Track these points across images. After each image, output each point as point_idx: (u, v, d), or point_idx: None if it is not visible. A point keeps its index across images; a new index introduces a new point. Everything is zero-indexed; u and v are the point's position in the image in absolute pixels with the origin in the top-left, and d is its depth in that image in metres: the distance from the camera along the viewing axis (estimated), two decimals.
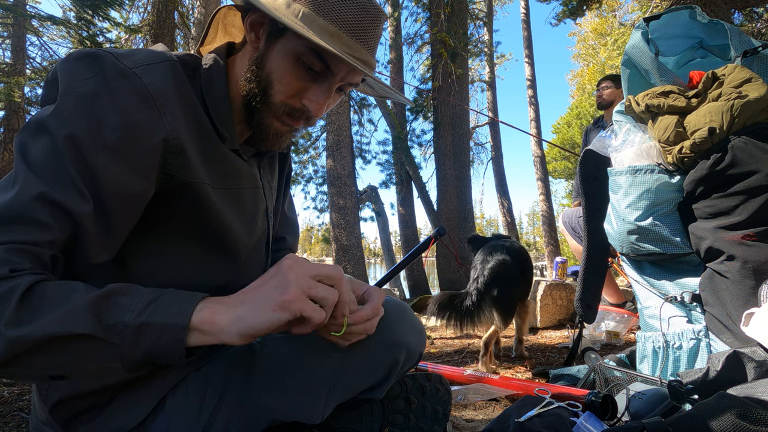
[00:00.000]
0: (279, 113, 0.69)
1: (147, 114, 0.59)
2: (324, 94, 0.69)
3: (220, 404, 0.72)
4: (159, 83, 0.61)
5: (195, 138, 0.66)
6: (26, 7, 6.92)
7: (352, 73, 0.69)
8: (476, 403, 1.34)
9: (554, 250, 10.14)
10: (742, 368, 0.91)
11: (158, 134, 0.60)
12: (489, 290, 1.70)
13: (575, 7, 6.94)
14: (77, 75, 0.58)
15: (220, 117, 0.70)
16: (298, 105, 0.69)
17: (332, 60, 0.66)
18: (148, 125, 0.59)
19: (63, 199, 0.53)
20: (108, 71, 0.58)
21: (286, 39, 0.66)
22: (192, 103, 0.66)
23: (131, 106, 0.58)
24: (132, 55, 0.61)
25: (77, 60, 0.59)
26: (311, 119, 0.72)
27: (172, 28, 6.80)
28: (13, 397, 1.42)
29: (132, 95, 0.59)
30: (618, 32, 14.27)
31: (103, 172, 0.56)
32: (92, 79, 0.57)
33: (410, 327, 0.84)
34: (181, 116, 0.64)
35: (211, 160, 0.68)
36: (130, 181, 0.59)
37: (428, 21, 7.70)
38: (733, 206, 1.14)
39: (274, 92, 0.67)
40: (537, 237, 34.84)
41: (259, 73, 0.68)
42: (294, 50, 0.66)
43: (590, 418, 0.91)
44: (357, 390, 0.79)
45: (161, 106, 0.61)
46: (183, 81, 0.66)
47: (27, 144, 0.55)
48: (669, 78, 1.37)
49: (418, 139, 9.10)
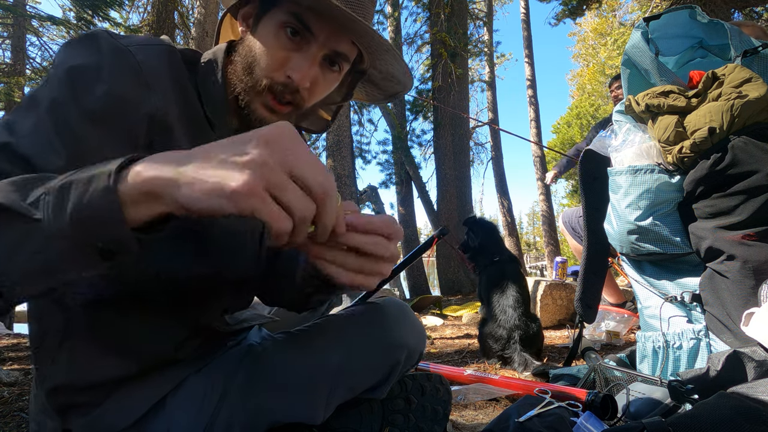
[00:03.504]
0: (263, 95, 0.67)
1: (135, 88, 0.60)
2: (307, 61, 0.66)
3: (221, 405, 0.71)
4: (152, 62, 0.62)
5: (184, 121, 0.66)
6: (26, 7, 6.93)
7: (335, 36, 0.66)
8: (476, 403, 1.34)
9: (554, 250, 10.14)
10: (742, 368, 0.91)
11: (144, 109, 0.60)
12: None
13: (575, 6, 6.95)
14: (74, 52, 0.58)
15: (213, 106, 0.70)
16: (281, 78, 0.66)
17: (311, 19, 0.64)
18: (135, 99, 0.59)
19: (31, 152, 0.50)
20: (103, 47, 0.59)
21: (269, 16, 0.67)
22: (185, 88, 0.67)
23: (121, 79, 0.58)
24: (129, 37, 0.63)
25: (76, 41, 0.60)
26: (298, 100, 0.68)
27: (172, 28, 6.80)
28: (13, 397, 1.42)
29: (123, 70, 0.59)
30: (618, 32, 14.27)
31: (86, 138, 0.55)
32: (87, 54, 0.58)
33: (411, 327, 0.84)
34: (172, 97, 0.64)
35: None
36: (113, 151, 0.55)
37: (428, 21, 7.70)
38: (733, 206, 1.14)
39: (258, 69, 0.67)
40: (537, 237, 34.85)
41: (246, 54, 0.68)
42: (275, 21, 0.66)
43: (590, 418, 0.91)
44: (358, 390, 0.79)
45: (151, 84, 0.61)
46: (178, 67, 0.66)
47: (15, 115, 0.54)
48: (669, 78, 1.37)
49: (418, 139, 9.11)
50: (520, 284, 2.00)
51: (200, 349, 0.76)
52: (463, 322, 3.34)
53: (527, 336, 1.81)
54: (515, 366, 1.73)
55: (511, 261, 2.13)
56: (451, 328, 3.05)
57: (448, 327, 3.10)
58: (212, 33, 6.84)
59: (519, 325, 1.83)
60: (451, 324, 3.26)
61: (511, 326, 1.83)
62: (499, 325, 1.86)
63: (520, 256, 11.80)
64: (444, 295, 5.94)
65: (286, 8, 0.65)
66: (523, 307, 1.91)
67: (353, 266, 0.50)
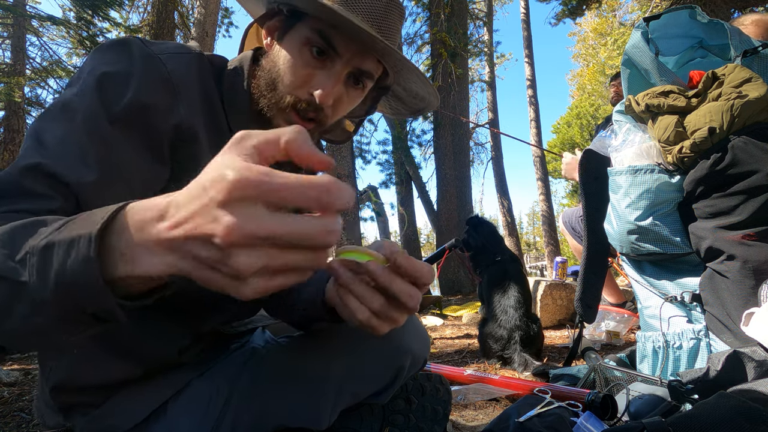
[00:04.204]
0: (287, 111, 0.67)
1: (164, 98, 0.60)
2: (331, 79, 0.65)
3: (225, 410, 0.71)
4: (181, 71, 0.62)
5: (209, 132, 0.66)
6: (26, 7, 6.92)
7: (359, 55, 0.65)
8: (476, 403, 1.34)
9: (554, 250, 10.15)
10: (742, 368, 0.91)
11: (172, 119, 0.61)
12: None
13: (575, 6, 6.95)
14: (105, 58, 0.59)
15: (236, 115, 0.70)
16: (305, 96, 0.66)
17: (335, 38, 0.64)
18: (163, 108, 0.60)
19: (62, 170, 0.49)
20: (134, 54, 0.59)
21: (294, 30, 0.66)
22: (211, 97, 0.67)
23: (151, 88, 0.59)
24: (161, 44, 0.63)
25: (108, 46, 0.61)
26: (321, 117, 0.67)
27: (172, 28, 6.80)
28: (13, 398, 1.42)
29: (153, 78, 0.60)
30: (618, 32, 14.26)
31: (116, 146, 0.56)
32: (118, 60, 0.59)
33: (415, 333, 0.83)
34: (198, 106, 0.64)
35: None
36: (143, 158, 0.59)
37: (428, 21, 7.70)
38: (734, 206, 1.14)
39: (282, 86, 0.66)
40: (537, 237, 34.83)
41: (270, 68, 0.68)
42: (300, 37, 0.66)
43: (590, 418, 0.91)
44: (362, 396, 0.79)
45: (180, 93, 0.62)
46: (206, 75, 0.67)
47: (47, 121, 0.54)
48: (669, 78, 1.37)
49: (418, 139, 9.12)
50: (522, 284, 1.99)
51: (204, 353, 0.76)
52: (463, 322, 3.34)
53: (527, 337, 1.81)
54: (515, 366, 1.73)
55: (512, 261, 2.13)
56: (451, 328, 3.05)
57: (448, 327, 3.10)
58: (212, 33, 6.85)
59: (520, 325, 1.83)
60: (451, 324, 3.26)
61: (512, 326, 1.83)
62: (500, 325, 1.86)
63: (520, 256, 11.79)
64: (444, 295, 5.94)
65: (311, 24, 0.64)
66: (525, 307, 1.91)
67: (375, 308, 0.47)
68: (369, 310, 0.47)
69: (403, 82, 0.77)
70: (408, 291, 0.46)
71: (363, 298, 0.47)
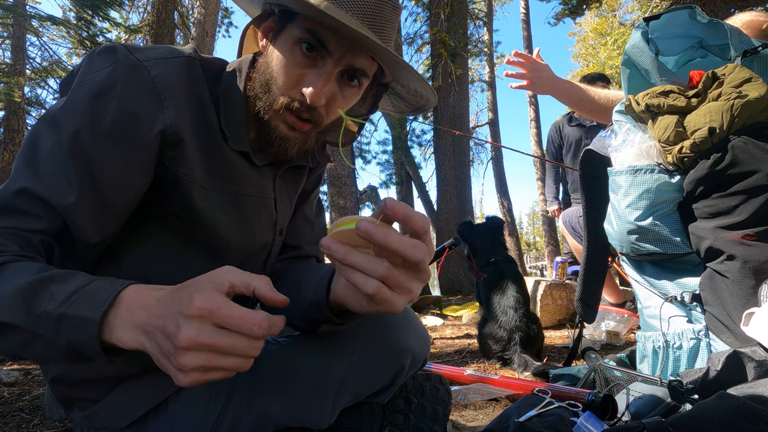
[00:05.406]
0: (282, 113, 0.66)
1: (149, 106, 0.61)
2: (321, 78, 0.64)
3: (225, 409, 0.71)
4: (167, 77, 0.62)
5: (197, 134, 0.66)
6: (26, 7, 6.93)
7: (351, 53, 0.64)
8: (476, 403, 1.34)
9: (554, 250, 10.13)
10: (742, 368, 0.91)
11: (157, 126, 0.61)
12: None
13: (575, 6, 6.95)
14: (93, 67, 0.60)
15: (231, 118, 0.69)
16: (297, 96, 0.65)
17: (326, 36, 0.63)
18: (148, 117, 0.60)
19: (46, 193, 0.55)
20: (119, 63, 0.60)
21: (286, 31, 0.66)
22: (202, 101, 0.67)
23: (135, 97, 0.60)
24: (148, 50, 0.63)
25: (98, 53, 0.61)
26: (316, 117, 0.67)
27: (171, 28, 6.80)
28: (13, 397, 1.42)
29: (137, 87, 0.60)
30: (618, 32, 14.25)
31: (100, 162, 0.58)
32: (104, 71, 0.59)
33: (416, 333, 0.83)
34: (186, 111, 0.64)
35: (211, 160, 0.68)
36: (127, 170, 0.60)
37: (428, 21, 7.70)
38: (733, 206, 1.14)
39: (275, 87, 0.66)
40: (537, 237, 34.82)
41: (264, 70, 0.68)
42: (291, 37, 0.65)
43: (590, 418, 0.91)
44: (363, 395, 0.79)
45: (165, 99, 0.61)
46: (197, 79, 0.66)
47: (37, 136, 0.58)
48: (669, 78, 1.37)
49: (418, 139, 9.12)
50: (520, 284, 2.00)
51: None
52: (463, 322, 3.34)
53: (527, 338, 1.81)
54: (515, 367, 1.73)
55: (507, 261, 2.13)
56: (451, 328, 3.05)
57: (448, 327, 3.10)
58: (212, 33, 6.85)
59: (519, 326, 1.82)
60: (451, 324, 3.26)
61: (512, 327, 1.83)
62: (500, 326, 1.86)
63: (521, 256, 11.79)
64: (444, 295, 5.94)
65: (302, 24, 0.64)
66: (524, 307, 1.91)
67: (381, 273, 0.46)
68: (377, 280, 0.47)
69: (402, 79, 0.77)
70: (408, 242, 0.46)
71: (365, 267, 0.47)
